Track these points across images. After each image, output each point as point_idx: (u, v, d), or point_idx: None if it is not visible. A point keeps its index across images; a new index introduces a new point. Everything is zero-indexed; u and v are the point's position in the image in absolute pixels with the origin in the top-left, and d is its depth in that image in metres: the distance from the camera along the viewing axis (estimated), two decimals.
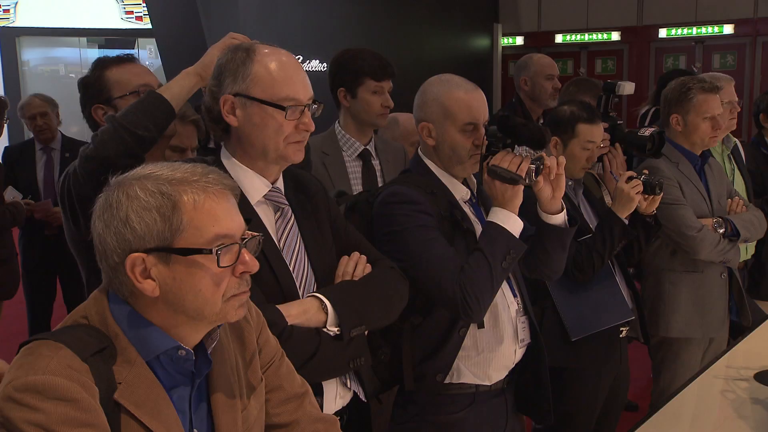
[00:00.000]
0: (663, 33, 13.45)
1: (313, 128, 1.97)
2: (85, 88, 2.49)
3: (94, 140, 2.18)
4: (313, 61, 9.72)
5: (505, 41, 14.84)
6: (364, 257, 2.11)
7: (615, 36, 13.90)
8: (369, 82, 3.15)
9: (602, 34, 13.96)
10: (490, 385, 2.41)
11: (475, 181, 2.51)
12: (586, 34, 14.10)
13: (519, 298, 2.47)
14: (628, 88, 3.40)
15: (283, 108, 1.90)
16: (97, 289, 1.44)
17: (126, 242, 1.36)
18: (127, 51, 3.50)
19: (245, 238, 1.43)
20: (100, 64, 2.50)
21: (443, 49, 12.78)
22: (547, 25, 14.37)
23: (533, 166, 2.28)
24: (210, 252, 1.37)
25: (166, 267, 1.37)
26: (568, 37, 14.27)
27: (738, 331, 3.54)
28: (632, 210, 2.97)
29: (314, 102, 1.97)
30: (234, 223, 1.41)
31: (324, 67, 9.76)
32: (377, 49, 3.31)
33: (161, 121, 2.20)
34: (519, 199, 2.29)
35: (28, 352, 1.32)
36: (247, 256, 1.42)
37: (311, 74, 2.01)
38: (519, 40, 14.72)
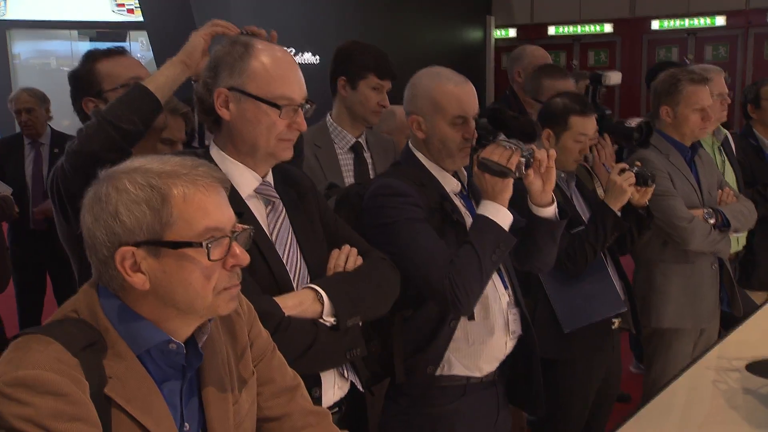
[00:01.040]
0: (655, 25, 13.47)
1: (305, 128, 1.98)
2: (75, 81, 2.48)
3: (79, 135, 2.17)
4: (306, 53, 9.70)
5: (498, 33, 14.84)
6: (354, 249, 2.11)
7: (608, 28, 13.91)
8: (372, 77, 3.17)
9: (595, 26, 13.97)
10: (482, 377, 2.42)
11: (465, 173, 2.51)
12: (579, 26, 14.11)
13: (510, 290, 2.47)
14: (614, 78, 3.41)
15: (278, 106, 1.90)
16: (87, 283, 1.43)
17: (115, 236, 1.35)
18: (118, 44, 3.49)
19: (236, 231, 1.42)
20: (91, 57, 2.49)
21: (436, 42, 12.77)
22: (540, 17, 14.36)
23: (523, 159, 2.28)
24: (200, 245, 1.36)
25: (156, 260, 1.36)
26: (561, 29, 14.28)
27: (729, 322, 3.55)
28: (625, 202, 2.97)
29: (307, 101, 1.97)
30: (224, 216, 1.41)
31: (317, 60, 9.74)
32: (370, 42, 3.33)
33: (147, 115, 2.19)
34: (509, 192, 2.29)
35: (17, 346, 1.31)
36: (237, 249, 1.41)
37: (303, 67, 2.01)
38: (512, 32, 14.71)
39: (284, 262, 1.99)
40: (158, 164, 1.40)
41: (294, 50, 8.47)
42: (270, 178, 2.04)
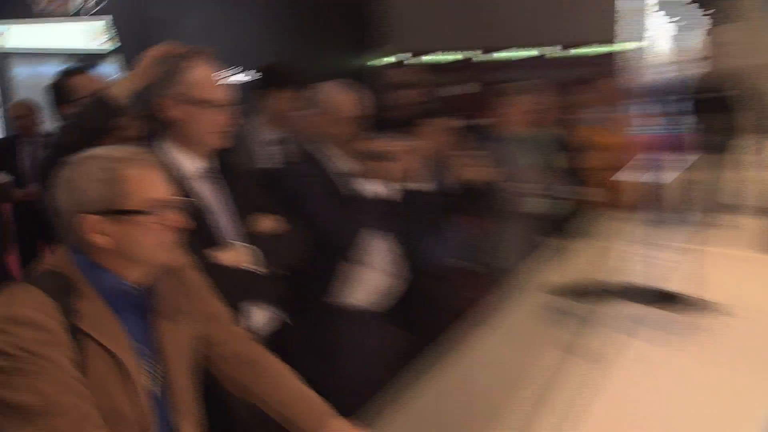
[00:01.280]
0: (508, 53, 13.28)
1: (236, 122, 1.99)
2: (54, 92, 2.41)
3: (58, 132, 2.12)
4: (240, 73, 9.53)
5: (388, 59, 14.72)
6: (277, 218, 2.12)
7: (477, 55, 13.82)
8: (294, 88, 3.18)
9: (455, 54, 13.92)
10: (370, 307, 2.45)
11: (355, 158, 2.54)
12: (446, 55, 14.03)
13: (390, 241, 2.51)
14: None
15: (213, 107, 1.88)
16: (61, 244, 1.41)
17: (81, 206, 1.34)
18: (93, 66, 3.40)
19: (176, 202, 1.42)
20: (66, 73, 2.42)
21: (338, 64, 12.68)
22: (421, 47, 14.18)
23: (379, 147, 2.33)
24: (148, 212, 1.36)
25: (114, 225, 1.35)
26: (444, 56, 14.13)
27: (543, 261, 3.67)
28: (472, 179, 3.05)
29: (235, 104, 1.97)
30: (166, 190, 1.41)
31: (248, 78, 9.57)
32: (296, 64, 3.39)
33: (109, 116, 2.14)
34: (388, 172, 2.33)
35: (4, 294, 1.30)
36: (177, 214, 1.41)
37: (239, 83, 2.00)
38: (401, 57, 14.55)
39: (221, 227, 1.98)
40: (114, 152, 1.39)
41: (238, 69, 8.28)
42: (212, 163, 2.02)
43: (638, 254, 4.03)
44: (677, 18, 4.64)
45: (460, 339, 2.37)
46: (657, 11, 4.63)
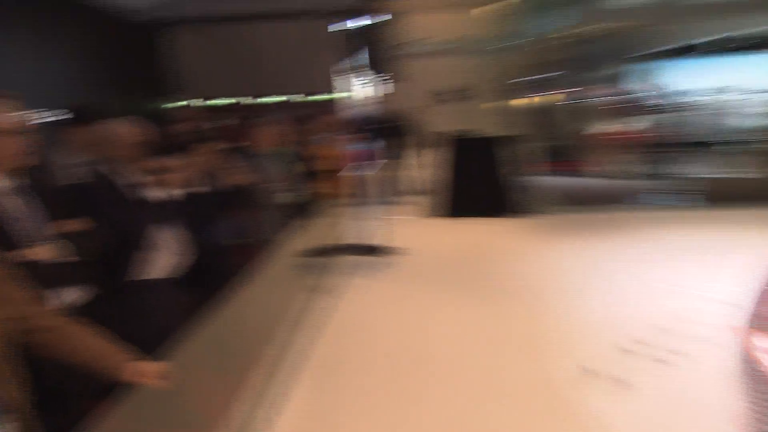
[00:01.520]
0: (267, 99, 12.91)
1: (30, 149, 1.70)
2: None
3: None
4: (56, 112, 8.04)
5: (180, 102, 13.50)
6: (82, 220, 1.88)
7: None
8: (97, 123, 2.79)
9: (241, 98, 13.18)
10: (166, 278, 2.29)
11: (144, 173, 2.34)
12: (232, 99, 13.20)
13: (177, 230, 2.35)
14: None
15: (9, 135, 1.61)
16: None
17: None
18: None
19: None
20: None
21: (138, 109, 11.33)
22: (210, 93, 13.24)
23: (163, 164, 2.22)
24: None
25: None
26: (223, 101, 13.28)
27: (291, 234, 3.71)
28: (236, 182, 2.98)
29: (30, 132, 1.69)
30: None
31: (63, 116, 8.10)
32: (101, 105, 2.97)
33: None
34: (170, 181, 2.20)
35: None
36: None
37: (56, 119, 1.72)
38: (192, 102, 13.41)
39: (30, 230, 1.70)
40: None
41: (44, 110, 7.00)
42: (22, 180, 1.71)
43: (353, 224, 4.35)
44: (363, 77, 5.16)
45: (235, 290, 2.31)
46: (354, 73, 5.08)
